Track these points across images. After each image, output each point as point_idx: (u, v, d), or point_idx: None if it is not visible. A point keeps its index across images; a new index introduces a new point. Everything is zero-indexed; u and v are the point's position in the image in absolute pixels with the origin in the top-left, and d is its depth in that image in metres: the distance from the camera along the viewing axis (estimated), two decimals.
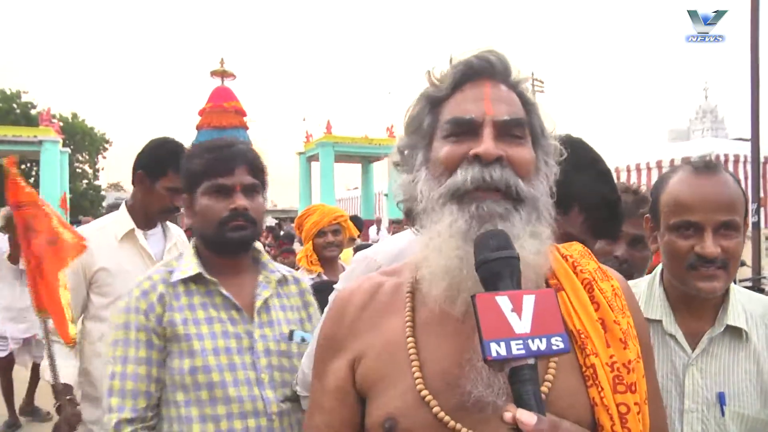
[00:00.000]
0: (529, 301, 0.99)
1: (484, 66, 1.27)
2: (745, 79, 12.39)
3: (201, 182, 2.05)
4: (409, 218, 1.36)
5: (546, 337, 0.97)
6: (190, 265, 2.03)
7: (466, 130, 1.22)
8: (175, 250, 3.05)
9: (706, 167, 1.80)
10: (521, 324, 0.97)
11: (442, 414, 1.15)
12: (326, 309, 1.50)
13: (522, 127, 1.25)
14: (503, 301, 0.98)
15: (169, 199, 3.01)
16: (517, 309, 0.98)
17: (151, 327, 1.94)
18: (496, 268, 1.04)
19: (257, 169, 2.11)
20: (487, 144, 1.18)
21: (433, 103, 1.30)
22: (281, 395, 1.98)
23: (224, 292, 2.02)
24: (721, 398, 1.74)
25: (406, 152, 1.34)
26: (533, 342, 0.96)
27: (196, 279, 2.02)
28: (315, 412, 1.37)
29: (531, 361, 0.96)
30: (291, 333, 2.07)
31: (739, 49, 12.17)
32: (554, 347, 0.96)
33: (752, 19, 11.87)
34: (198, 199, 2.06)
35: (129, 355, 1.93)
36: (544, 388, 1.14)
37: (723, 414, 1.73)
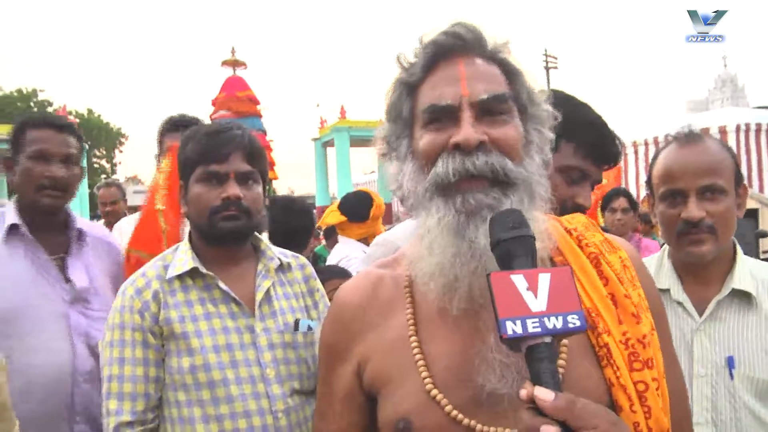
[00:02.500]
0: (544, 279, 0.98)
1: (455, 42, 1.19)
2: (765, 46, 12.18)
3: (195, 169, 1.97)
4: (405, 206, 1.30)
5: (562, 315, 0.96)
6: (185, 260, 1.95)
7: (444, 116, 1.16)
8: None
9: (687, 138, 1.91)
10: (537, 302, 0.96)
11: (455, 412, 1.12)
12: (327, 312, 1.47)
13: (504, 102, 1.17)
14: (519, 279, 0.98)
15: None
16: (533, 287, 0.97)
17: (147, 326, 1.87)
18: (512, 247, 1.02)
19: (255, 156, 2.00)
20: (465, 131, 1.12)
21: (409, 88, 1.23)
22: (289, 389, 1.90)
23: (222, 286, 1.94)
24: (730, 362, 1.78)
25: (391, 141, 1.28)
26: (549, 320, 0.95)
27: (192, 273, 1.95)
28: (324, 418, 1.35)
29: (547, 339, 0.95)
30: (297, 322, 1.99)
31: (760, 14, 11.94)
32: (571, 325, 0.96)
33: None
34: (191, 186, 1.99)
35: (125, 357, 1.86)
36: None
37: (732, 377, 1.77)
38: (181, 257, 1.97)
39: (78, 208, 22.32)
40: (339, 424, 1.31)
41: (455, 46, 1.19)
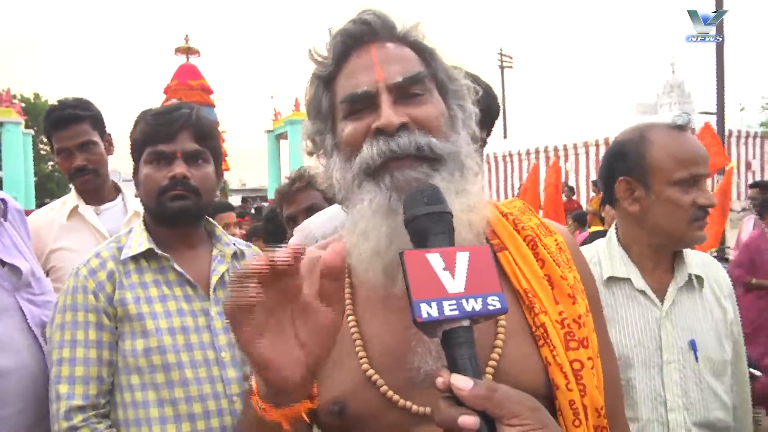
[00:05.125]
0: (462, 259, 0.92)
1: (363, 29, 1.19)
2: (711, 55, 12.59)
3: (144, 150, 1.94)
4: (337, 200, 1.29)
5: (482, 296, 0.89)
6: (140, 241, 1.93)
7: (363, 104, 1.15)
8: (137, 221, 2.94)
9: (683, 126, 1.93)
10: (454, 283, 0.90)
11: (390, 393, 1.10)
12: None
13: (421, 82, 1.18)
14: (434, 258, 0.91)
15: (61, 162, 2.96)
16: (450, 267, 0.91)
17: (102, 307, 1.83)
18: (427, 223, 0.97)
19: (204, 135, 1.97)
20: (386, 114, 1.12)
21: (326, 81, 1.23)
22: (244, 374, 1.88)
23: (177, 267, 1.92)
24: (692, 345, 1.83)
25: (316, 138, 1.27)
26: (467, 302, 0.89)
27: (147, 255, 1.92)
28: None
29: (465, 322, 0.89)
30: None
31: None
32: (491, 307, 0.89)
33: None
34: (141, 168, 1.96)
35: (78, 339, 1.81)
36: (494, 355, 1.10)
37: (697, 360, 1.82)
38: (136, 239, 1.95)
39: (24, 196, 21.65)
40: None
41: (364, 34, 1.19)
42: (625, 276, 1.92)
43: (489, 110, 1.94)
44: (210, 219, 2.10)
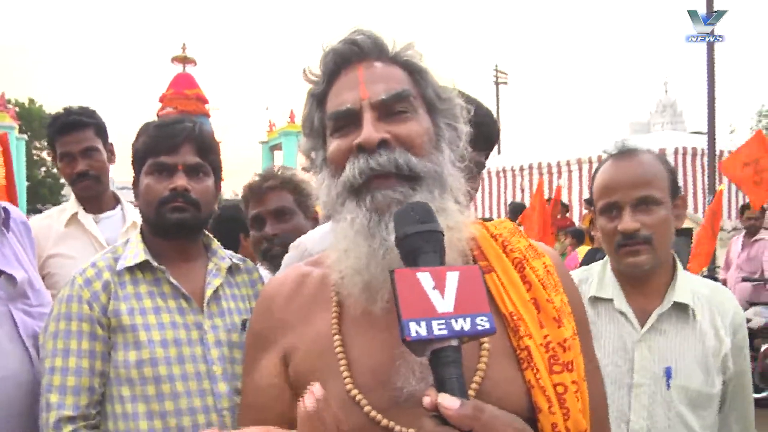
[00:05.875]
0: (452, 278, 0.93)
1: (352, 49, 1.22)
2: (702, 75, 12.71)
3: (145, 161, 1.96)
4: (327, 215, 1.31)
5: (470, 316, 0.91)
6: (136, 252, 1.93)
7: (348, 121, 1.18)
8: (134, 232, 2.94)
9: (621, 153, 1.96)
10: (444, 302, 0.91)
11: (374, 413, 1.10)
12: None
13: (405, 100, 1.19)
14: (425, 277, 0.92)
15: (63, 167, 3.00)
16: (440, 286, 0.92)
17: (96, 317, 1.83)
18: (417, 242, 0.98)
19: (205, 149, 1.99)
20: (366, 131, 1.14)
21: (318, 99, 1.26)
22: (235, 388, 1.88)
23: (172, 280, 1.92)
24: (667, 372, 1.83)
25: (310, 154, 1.29)
26: (456, 321, 0.90)
27: (142, 267, 1.92)
28: (248, 411, 1.30)
29: (454, 342, 0.91)
30: (244, 323, 1.97)
31: (697, 46, 12.45)
32: (479, 327, 0.91)
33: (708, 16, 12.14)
34: (141, 179, 1.97)
35: (71, 348, 1.81)
36: (477, 378, 1.11)
37: (669, 387, 1.83)
38: (132, 249, 1.95)
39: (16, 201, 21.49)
40: (264, 416, 1.24)
41: (353, 54, 1.22)
42: (609, 296, 1.95)
43: (489, 134, 1.97)
44: (207, 233, 2.10)
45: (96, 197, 3.04)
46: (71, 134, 2.99)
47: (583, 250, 8.48)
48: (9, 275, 2.03)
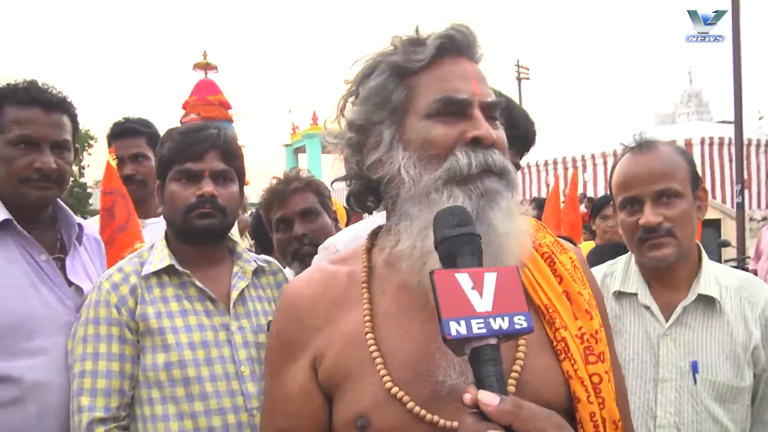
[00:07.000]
0: (490, 279, 0.96)
1: (465, 41, 1.23)
2: (728, 63, 12.49)
3: (171, 167, 1.99)
4: (357, 200, 1.31)
5: (508, 315, 0.94)
6: (161, 257, 1.96)
7: (456, 109, 1.18)
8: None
9: (640, 146, 1.95)
10: (482, 302, 0.94)
11: (417, 408, 1.11)
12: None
13: (499, 108, 1.24)
14: (463, 278, 0.95)
15: None
16: (478, 287, 0.95)
17: (124, 321, 1.86)
18: (456, 244, 1.00)
19: (230, 156, 2.02)
20: (485, 127, 1.17)
21: (401, 74, 1.21)
22: (263, 389, 1.87)
23: (198, 283, 1.95)
24: (694, 367, 1.82)
25: (363, 126, 1.24)
26: (495, 321, 0.93)
27: (168, 271, 1.95)
28: (277, 416, 1.28)
29: (493, 340, 0.93)
30: (269, 324, 1.98)
31: (723, 33, 12.25)
32: (517, 326, 0.93)
33: (733, 5, 11.95)
34: (167, 185, 2.00)
35: (101, 352, 1.84)
36: (516, 367, 1.12)
37: (695, 382, 1.81)
38: (158, 255, 1.98)
39: None
40: (296, 423, 1.24)
41: (463, 46, 1.23)
42: (633, 291, 1.95)
43: (526, 136, 2.01)
44: (231, 236, 2.13)
45: (142, 201, 3.10)
46: (124, 140, 3.21)
47: (586, 246, 8.28)
48: (78, 287, 2.11)
